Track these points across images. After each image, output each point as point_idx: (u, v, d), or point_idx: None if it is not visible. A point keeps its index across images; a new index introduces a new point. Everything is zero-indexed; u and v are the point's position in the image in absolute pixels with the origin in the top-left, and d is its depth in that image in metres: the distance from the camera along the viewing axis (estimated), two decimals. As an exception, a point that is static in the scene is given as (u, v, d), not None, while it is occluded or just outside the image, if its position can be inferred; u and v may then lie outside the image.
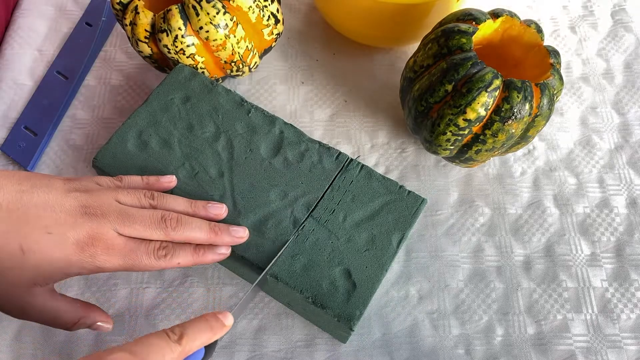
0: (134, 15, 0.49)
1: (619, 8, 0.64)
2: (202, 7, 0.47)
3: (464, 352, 0.47)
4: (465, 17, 0.47)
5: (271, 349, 0.47)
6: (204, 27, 0.48)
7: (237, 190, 0.45)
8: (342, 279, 0.42)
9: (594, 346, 0.48)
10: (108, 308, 0.48)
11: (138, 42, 0.50)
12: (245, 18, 0.50)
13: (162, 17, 0.48)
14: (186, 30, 0.48)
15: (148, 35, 0.49)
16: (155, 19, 0.49)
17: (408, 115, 0.50)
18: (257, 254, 0.43)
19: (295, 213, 0.44)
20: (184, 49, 0.49)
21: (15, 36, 0.61)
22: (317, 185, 0.45)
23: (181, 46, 0.48)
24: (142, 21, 0.49)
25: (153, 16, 0.49)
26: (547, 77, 0.46)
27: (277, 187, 0.45)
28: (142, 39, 0.50)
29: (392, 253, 0.43)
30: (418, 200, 0.45)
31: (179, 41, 0.48)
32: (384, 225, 0.44)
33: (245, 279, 0.49)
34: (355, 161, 0.47)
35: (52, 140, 0.55)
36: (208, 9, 0.47)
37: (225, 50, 0.50)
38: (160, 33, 0.48)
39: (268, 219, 0.44)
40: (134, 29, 0.49)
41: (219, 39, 0.49)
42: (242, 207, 0.44)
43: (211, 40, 0.49)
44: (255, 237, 0.43)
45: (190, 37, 0.48)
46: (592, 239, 0.52)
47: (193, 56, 0.49)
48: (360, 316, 0.41)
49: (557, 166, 0.55)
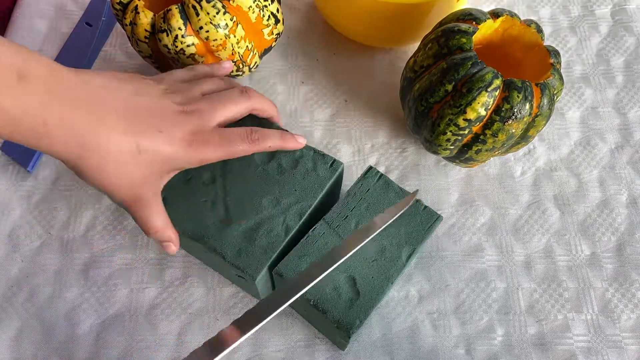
0: (134, 15, 0.49)
1: (619, 8, 0.64)
2: (202, 7, 0.47)
3: (464, 352, 0.47)
4: (466, 17, 0.47)
5: (271, 349, 0.47)
6: (204, 27, 0.48)
7: (230, 196, 0.45)
8: (346, 285, 0.42)
9: (595, 346, 0.48)
10: (108, 308, 0.48)
11: (138, 42, 0.50)
12: (245, 18, 0.50)
13: (162, 17, 0.48)
14: (186, 30, 0.48)
15: (148, 35, 0.49)
16: (155, 19, 0.49)
17: (408, 115, 0.50)
18: (248, 261, 0.42)
19: (288, 221, 0.44)
20: (184, 48, 0.49)
21: (15, 36, 0.61)
22: (311, 192, 0.45)
23: (181, 46, 0.48)
24: (142, 21, 0.49)
25: (153, 16, 0.49)
26: (547, 77, 0.46)
27: (270, 193, 0.45)
28: (142, 39, 0.50)
29: (400, 266, 0.43)
30: (433, 216, 0.45)
31: (179, 41, 0.48)
32: (395, 237, 0.44)
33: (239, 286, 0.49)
34: (374, 169, 0.46)
35: (52, 140, 0.55)
36: (208, 8, 0.47)
37: (225, 50, 0.50)
38: (160, 33, 0.48)
39: (260, 226, 0.43)
40: (134, 28, 0.49)
41: (219, 39, 0.49)
42: (233, 213, 0.44)
43: (211, 40, 0.48)
44: (246, 244, 0.43)
45: (190, 37, 0.48)
46: (593, 239, 0.52)
47: (193, 56, 0.49)
48: (360, 325, 0.41)
49: (558, 166, 0.55)
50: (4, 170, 0.54)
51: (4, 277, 0.49)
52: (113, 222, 0.52)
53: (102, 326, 0.48)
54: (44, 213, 0.52)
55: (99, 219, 0.52)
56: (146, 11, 0.49)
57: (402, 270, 0.43)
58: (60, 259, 0.50)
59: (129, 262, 0.50)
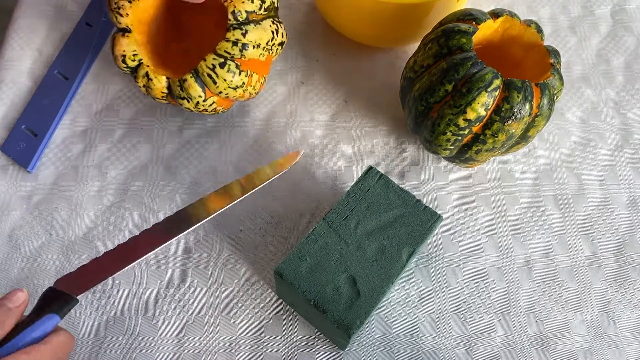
0: (147, 80, 0.49)
1: (619, 8, 0.64)
2: (218, 75, 0.47)
3: (464, 352, 0.47)
4: (466, 17, 0.47)
5: (271, 349, 0.47)
6: (223, 92, 0.48)
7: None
8: (346, 286, 0.42)
9: (595, 346, 0.48)
10: (109, 308, 0.48)
11: (155, 98, 0.50)
12: (256, 64, 0.49)
13: (179, 86, 0.48)
14: (206, 95, 0.48)
15: (165, 94, 0.50)
16: (170, 82, 0.49)
17: (408, 115, 0.50)
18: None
19: None
20: (207, 108, 0.50)
21: (15, 36, 0.61)
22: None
23: (204, 107, 0.49)
24: (157, 86, 0.49)
25: (167, 79, 0.49)
26: (547, 77, 0.46)
27: None
28: (159, 98, 0.50)
29: (400, 266, 0.43)
30: (433, 216, 0.45)
31: (200, 105, 0.49)
32: (395, 237, 0.44)
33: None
34: (374, 169, 0.46)
35: (52, 140, 0.55)
36: (224, 75, 0.47)
37: (244, 96, 0.50)
38: (181, 99, 0.48)
39: None
40: (149, 91, 0.49)
41: (238, 95, 0.49)
42: None
43: (231, 97, 0.49)
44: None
45: (210, 99, 0.49)
46: (593, 239, 0.52)
47: (215, 109, 0.50)
48: (360, 325, 0.41)
49: (558, 166, 0.55)
50: (4, 170, 0.54)
51: (4, 277, 0.49)
52: (113, 222, 0.52)
53: (102, 326, 0.48)
54: (44, 213, 0.52)
55: (99, 219, 0.52)
56: (159, 77, 0.48)
57: (402, 270, 0.43)
58: (61, 259, 0.50)
59: (129, 262, 0.50)
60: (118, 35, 0.49)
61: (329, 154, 0.55)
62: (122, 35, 0.49)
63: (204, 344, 0.47)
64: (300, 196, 0.53)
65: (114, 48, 0.49)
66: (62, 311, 0.36)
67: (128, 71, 0.49)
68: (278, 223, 0.52)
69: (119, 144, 0.55)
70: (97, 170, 0.54)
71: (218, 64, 0.46)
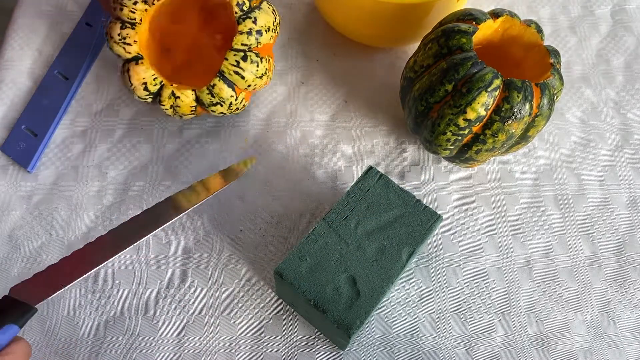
0: (174, 99, 0.48)
1: (619, 8, 0.64)
2: (244, 69, 0.47)
3: (464, 352, 0.47)
4: (466, 17, 0.47)
5: (271, 349, 0.47)
6: (251, 85, 0.48)
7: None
8: (346, 286, 0.42)
9: (595, 346, 0.48)
10: (109, 308, 0.48)
11: (183, 116, 0.50)
12: (268, 47, 0.50)
13: (208, 93, 0.48)
14: (236, 93, 0.49)
15: (194, 108, 0.50)
16: (198, 94, 0.48)
17: (408, 115, 0.50)
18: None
19: None
20: (238, 106, 0.50)
21: (15, 36, 0.61)
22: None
23: (236, 106, 0.49)
24: (185, 101, 0.48)
25: (193, 92, 0.48)
26: (547, 77, 0.46)
27: None
28: (188, 113, 0.50)
29: (400, 266, 0.43)
30: (433, 216, 0.45)
31: (233, 105, 0.49)
32: (395, 237, 0.44)
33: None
34: (374, 169, 0.46)
35: (52, 140, 0.56)
36: (249, 67, 0.47)
37: (267, 83, 0.51)
38: (213, 106, 0.48)
39: None
40: (176, 110, 0.49)
41: (263, 83, 0.50)
42: None
43: (258, 87, 0.50)
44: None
45: (240, 96, 0.49)
46: (593, 239, 0.52)
47: (244, 105, 0.51)
48: (360, 326, 0.41)
49: (558, 166, 0.55)
50: (4, 170, 0.54)
51: (4, 277, 0.49)
52: (113, 222, 0.52)
53: (102, 326, 0.48)
54: (44, 213, 0.52)
55: (99, 219, 0.52)
56: (185, 92, 0.48)
57: (402, 270, 0.43)
58: (61, 259, 0.50)
59: (130, 262, 0.50)
60: (131, 65, 0.47)
61: (329, 154, 0.55)
62: (136, 63, 0.47)
63: (204, 344, 0.47)
64: (300, 196, 0.53)
65: (130, 79, 0.47)
66: (20, 321, 0.35)
67: (149, 98, 0.49)
68: (278, 223, 0.52)
69: (119, 144, 0.55)
70: (97, 170, 0.54)
71: (240, 59, 0.47)
